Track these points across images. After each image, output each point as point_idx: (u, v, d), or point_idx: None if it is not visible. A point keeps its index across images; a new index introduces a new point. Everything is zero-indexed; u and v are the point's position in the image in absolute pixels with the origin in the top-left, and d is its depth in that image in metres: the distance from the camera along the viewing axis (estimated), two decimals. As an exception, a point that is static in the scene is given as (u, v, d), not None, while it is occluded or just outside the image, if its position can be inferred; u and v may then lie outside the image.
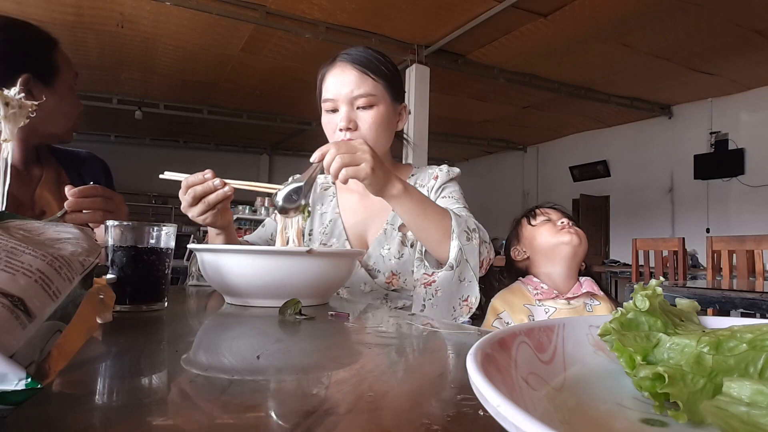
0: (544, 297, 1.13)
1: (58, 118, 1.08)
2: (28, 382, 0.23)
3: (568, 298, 1.13)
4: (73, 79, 1.12)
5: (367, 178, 0.83)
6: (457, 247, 0.91)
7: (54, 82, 1.06)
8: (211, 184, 0.86)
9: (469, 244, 0.92)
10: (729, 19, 4.76)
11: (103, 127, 9.13)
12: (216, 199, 0.86)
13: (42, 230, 0.33)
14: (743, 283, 2.25)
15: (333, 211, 1.19)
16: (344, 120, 1.04)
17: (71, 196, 0.90)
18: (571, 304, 1.12)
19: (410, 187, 0.91)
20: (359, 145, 0.84)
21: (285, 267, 0.74)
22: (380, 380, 0.39)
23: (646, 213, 7.89)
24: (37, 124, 0.85)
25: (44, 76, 1.04)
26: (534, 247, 1.21)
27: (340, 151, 0.82)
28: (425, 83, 5.61)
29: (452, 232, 0.91)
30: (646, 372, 0.28)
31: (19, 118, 0.58)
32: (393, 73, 1.10)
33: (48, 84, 1.05)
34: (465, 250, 0.91)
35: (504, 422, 0.19)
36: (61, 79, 1.08)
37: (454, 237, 0.91)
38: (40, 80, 1.03)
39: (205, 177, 0.86)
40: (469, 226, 0.95)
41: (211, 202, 0.86)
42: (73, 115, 1.13)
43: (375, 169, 0.83)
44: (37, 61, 1.04)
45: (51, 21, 4.87)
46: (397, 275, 1.08)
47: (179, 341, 0.52)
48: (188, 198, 0.86)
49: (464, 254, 0.91)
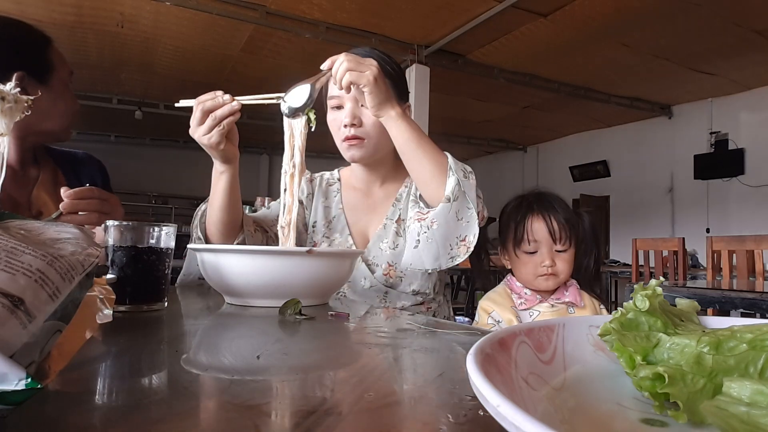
0: (528, 305, 1.12)
1: (53, 115, 1.08)
2: (28, 382, 0.23)
3: (550, 302, 1.13)
4: (69, 77, 1.12)
5: (368, 85, 0.86)
6: (454, 181, 0.89)
7: (49, 80, 1.06)
8: (220, 99, 0.89)
9: (466, 181, 0.91)
10: (729, 19, 4.76)
11: (103, 127, 9.13)
12: (223, 113, 0.89)
13: (42, 230, 0.33)
14: (743, 283, 2.25)
15: (337, 207, 1.20)
16: (349, 116, 1.05)
17: (67, 198, 0.90)
18: (555, 307, 1.11)
19: (408, 116, 0.94)
20: (367, 58, 0.88)
21: (285, 267, 0.74)
22: (380, 380, 0.39)
23: (646, 213, 7.89)
24: (32, 122, 0.85)
25: (39, 73, 1.05)
26: (516, 268, 1.17)
27: (347, 59, 0.85)
28: (425, 83, 5.61)
29: (449, 168, 0.91)
30: (646, 372, 0.28)
31: (15, 113, 0.58)
32: (397, 73, 1.11)
33: (43, 81, 1.05)
34: (463, 183, 0.90)
35: (504, 422, 0.19)
36: (56, 77, 1.08)
37: (451, 173, 0.90)
38: (35, 78, 1.03)
39: (215, 94, 0.90)
40: (465, 168, 0.94)
41: (219, 116, 0.89)
42: (69, 113, 1.13)
43: (377, 80, 0.87)
44: (31, 58, 1.04)
45: (51, 21, 4.87)
46: (393, 266, 1.09)
47: (179, 341, 0.52)
48: (197, 114, 0.89)
49: (462, 187, 0.89)
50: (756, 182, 6.62)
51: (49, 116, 1.07)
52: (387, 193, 1.19)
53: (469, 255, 0.96)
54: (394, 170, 1.20)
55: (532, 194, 1.18)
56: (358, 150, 1.08)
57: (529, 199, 1.16)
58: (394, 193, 1.18)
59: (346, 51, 1.10)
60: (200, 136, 0.90)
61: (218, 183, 0.98)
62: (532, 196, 1.17)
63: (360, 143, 1.07)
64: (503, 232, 1.19)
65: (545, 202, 1.14)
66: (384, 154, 1.13)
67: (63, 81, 1.10)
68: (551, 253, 1.11)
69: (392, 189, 1.19)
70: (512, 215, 1.16)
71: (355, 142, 1.07)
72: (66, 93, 1.11)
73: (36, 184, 1.13)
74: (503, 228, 1.19)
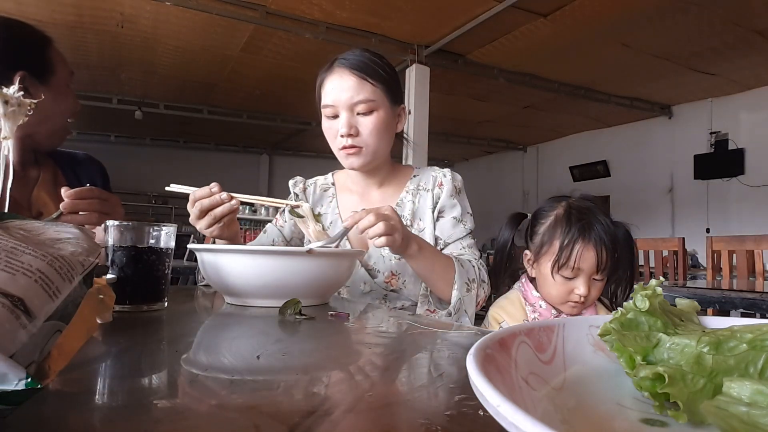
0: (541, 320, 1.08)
1: (54, 115, 1.08)
2: (28, 382, 0.23)
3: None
4: (69, 77, 1.12)
5: (396, 245, 0.89)
6: (456, 297, 0.99)
7: (49, 80, 1.06)
8: (218, 198, 0.88)
9: (468, 295, 1.00)
10: (729, 19, 4.76)
11: (103, 127, 9.13)
12: (222, 213, 0.89)
13: (42, 230, 0.33)
14: (743, 283, 2.25)
15: (333, 213, 1.20)
16: (345, 126, 1.05)
17: (67, 198, 0.90)
18: None
19: (424, 244, 0.98)
20: (392, 215, 0.90)
21: (285, 267, 0.74)
22: (380, 380, 0.39)
23: (646, 213, 7.89)
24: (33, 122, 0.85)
25: (39, 73, 1.05)
26: (541, 282, 1.08)
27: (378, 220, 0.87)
28: (425, 83, 5.61)
29: (454, 283, 1.00)
30: (646, 372, 0.28)
31: (18, 116, 0.58)
32: (391, 76, 1.10)
33: (43, 82, 1.05)
34: (464, 300, 1.00)
35: (504, 422, 0.19)
36: (56, 77, 1.08)
37: (455, 288, 1.00)
38: (36, 78, 1.03)
39: (212, 191, 0.89)
40: (469, 277, 1.02)
41: (218, 215, 0.89)
42: (69, 113, 1.13)
43: (404, 238, 0.91)
44: (31, 58, 1.04)
45: (51, 21, 4.87)
46: (397, 275, 1.08)
47: (179, 341, 0.52)
48: (195, 211, 0.89)
49: (463, 304, 1.00)
50: (756, 182, 6.62)
51: (50, 116, 1.07)
52: (385, 197, 1.18)
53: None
54: (391, 173, 1.19)
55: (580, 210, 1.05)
56: (356, 158, 1.08)
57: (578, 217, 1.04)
58: (394, 197, 1.17)
59: (346, 51, 1.10)
60: (201, 229, 0.91)
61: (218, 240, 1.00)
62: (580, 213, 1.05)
63: (358, 151, 1.07)
64: (538, 242, 1.08)
65: (594, 224, 1.03)
66: (382, 159, 1.13)
67: (63, 81, 1.10)
68: (589, 281, 1.03)
69: (390, 192, 1.18)
70: (556, 232, 1.05)
71: (353, 151, 1.07)
72: (66, 93, 1.11)
73: (36, 184, 1.13)
74: (539, 237, 1.08)
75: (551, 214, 1.08)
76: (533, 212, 1.14)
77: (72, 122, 1.15)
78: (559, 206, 1.09)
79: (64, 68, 1.11)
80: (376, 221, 0.86)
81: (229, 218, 0.91)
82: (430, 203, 1.14)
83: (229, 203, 0.88)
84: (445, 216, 1.13)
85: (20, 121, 0.57)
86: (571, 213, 1.06)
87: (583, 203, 1.08)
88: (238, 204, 0.90)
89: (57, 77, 1.09)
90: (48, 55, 1.08)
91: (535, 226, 1.11)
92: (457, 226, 1.12)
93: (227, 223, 0.92)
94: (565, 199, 1.11)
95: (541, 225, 1.09)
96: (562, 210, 1.08)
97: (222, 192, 0.88)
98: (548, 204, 1.11)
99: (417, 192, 1.16)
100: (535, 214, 1.13)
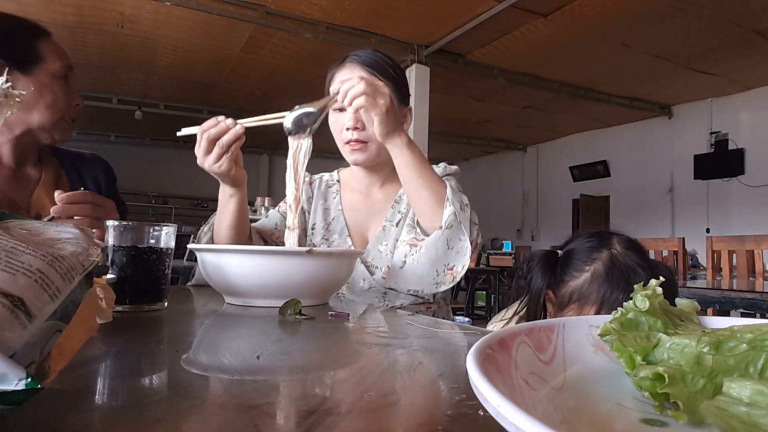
0: None
1: (39, 108, 1.05)
2: (28, 382, 0.23)
3: None
4: (62, 70, 1.08)
5: (380, 115, 0.88)
6: (450, 212, 0.92)
7: (32, 71, 1.03)
8: (223, 125, 0.89)
9: (462, 213, 0.93)
10: (729, 19, 4.76)
11: (103, 127, 9.13)
12: (229, 139, 0.89)
13: (42, 230, 0.33)
14: (743, 283, 2.25)
15: (336, 209, 1.20)
16: (352, 120, 1.06)
17: (59, 202, 0.89)
18: None
19: (414, 145, 0.94)
20: (382, 87, 0.89)
21: (285, 267, 0.74)
22: (380, 380, 0.39)
23: (646, 213, 7.89)
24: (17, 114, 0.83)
25: (20, 63, 1.02)
26: None
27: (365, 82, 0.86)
28: (425, 83, 5.61)
29: (447, 198, 0.93)
30: (646, 372, 0.27)
31: (5, 108, 0.57)
32: (400, 76, 1.11)
33: (26, 72, 1.02)
34: (459, 214, 0.92)
35: (504, 422, 0.19)
36: (43, 69, 1.05)
37: (448, 204, 0.93)
38: (17, 68, 1.01)
39: (218, 120, 0.90)
40: (462, 200, 0.96)
41: (225, 143, 0.89)
42: (67, 108, 1.09)
43: (389, 111, 0.88)
44: (13, 48, 1.02)
45: (51, 21, 4.87)
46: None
47: (179, 341, 0.52)
48: (204, 143, 0.90)
49: (458, 217, 0.92)
50: (756, 182, 6.62)
51: (35, 108, 1.03)
52: (387, 195, 1.19)
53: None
54: (393, 172, 1.19)
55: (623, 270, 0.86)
56: (361, 154, 1.08)
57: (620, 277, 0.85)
58: (394, 195, 1.18)
59: (346, 51, 1.11)
60: (210, 165, 0.91)
61: (228, 205, 0.99)
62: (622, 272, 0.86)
63: (363, 147, 1.08)
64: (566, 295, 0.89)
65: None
66: (386, 157, 1.13)
67: (52, 73, 1.06)
68: None
69: (392, 191, 1.19)
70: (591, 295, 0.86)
71: (357, 146, 1.07)
72: (55, 86, 1.07)
73: (37, 185, 1.11)
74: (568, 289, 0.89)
75: (587, 269, 0.89)
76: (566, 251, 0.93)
77: (75, 118, 1.12)
78: (599, 259, 0.89)
79: (56, 61, 1.07)
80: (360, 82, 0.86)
81: (236, 147, 0.92)
82: None
83: (235, 129, 0.89)
84: None
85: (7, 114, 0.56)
86: (612, 274, 0.86)
87: (627, 258, 0.88)
88: (243, 130, 0.90)
89: (44, 69, 1.05)
90: (36, 47, 1.05)
91: (566, 274, 0.91)
92: None
93: (235, 152, 0.92)
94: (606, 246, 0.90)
95: (573, 277, 0.90)
96: (602, 266, 0.88)
97: (228, 119, 0.90)
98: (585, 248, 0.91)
99: None
100: (567, 256, 0.92)
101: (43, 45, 1.06)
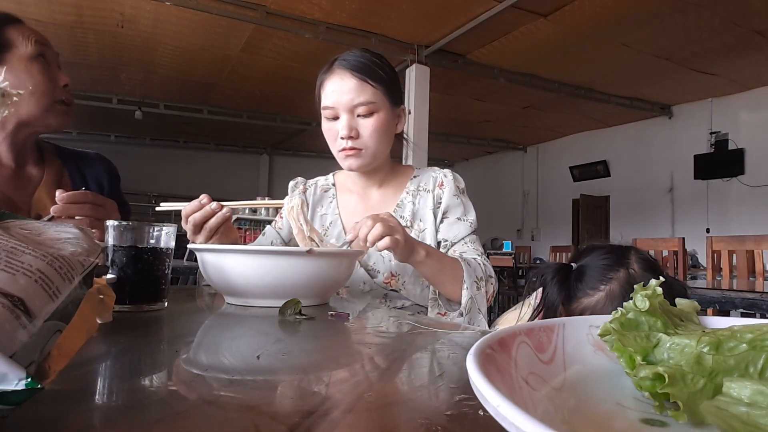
0: None
1: (23, 96, 0.99)
2: (28, 382, 0.23)
3: None
4: (36, 50, 1.03)
5: (400, 246, 0.88)
6: (467, 296, 0.98)
7: (5, 59, 1.00)
8: (209, 209, 0.89)
9: (479, 293, 0.99)
10: (729, 19, 4.76)
11: (103, 127, 9.14)
12: (216, 223, 0.89)
13: (42, 230, 0.33)
14: (743, 283, 2.25)
15: (333, 213, 1.19)
16: (345, 128, 1.04)
17: (60, 201, 0.89)
18: None
19: (430, 249, 0.96)
20: (390, 218, 0.90)
21: (285, 267, 0.74)
22: (380, 380, 0.39)
23: (646, 213, 7.89)
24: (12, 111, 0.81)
25: None
26: None
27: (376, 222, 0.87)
28: (425, 83, 5.61)
29: (463, 282, 0.98)
30: (646, 372, 0.27)
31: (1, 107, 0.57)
32: (391, 77, 1.09)
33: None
34: (476, 299, 0.98)
35: (504, 422, 0.19)
36: (14, 54, 1.01)
37: (465, 288, 0.98)
38: None
39: (201, 203, 0.89)
40: (477, 275, 1.01)
41: (212, 227, 0.89)
42: (47, 91, 1.04)
43: (407, 240, 0.90)
44: None
45: (51, 21, 4.87)
46: (396, 276, 1.08)
47: (179, 341, 0.52)
48: (190, 227, 0.90)
49: (475, 304, 0.98)
50: (756, 182, 6.62)
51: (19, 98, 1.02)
52: (385, 197, 1.18)
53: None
54: (391, 173, 1.19)
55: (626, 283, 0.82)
56: (355, 159, 1.07)
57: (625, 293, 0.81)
58: (394, 197, 1.17)
59: (345, 51, 1.10)
60: (201, 243, 0.91)
61: None
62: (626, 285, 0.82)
63: (357, 153, 1.07)
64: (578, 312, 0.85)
65: None
66: (382, 160, 1.13)
67: (27, 56, 1.02)
68: None
69: (390, 192, 1.18)
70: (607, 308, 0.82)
71: (352, 152, 1.06)
72: (33, 69, 1.03)
73: (38, 185, 1.10)
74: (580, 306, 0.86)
75: (602, 287, 0.84)
76: (581, 266, 0.89)
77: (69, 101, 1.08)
78: (615, 279, 0.84)
79: (28, 46, 1.03)
80: (374, 224, 0.86)
81: (225, 227, 0.92)
82: (431, 204, 1.14)
83: (221, 213, 0.89)
84: (450, 216, 1.13)
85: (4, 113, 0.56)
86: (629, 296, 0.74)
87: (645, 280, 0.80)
88: (230, 212, 0.90)
89: (16, 55, 1.01)
90: (4, 34, 1.01)
91: (579, 290, 0.87)
92: (462, 225, 1.12)
93: (224, 231, 0.93)
94: (623, 265, 0.85)
95: (586, 294, 0.85)
96: (618, 287, 0.84)
97: (212, 202, 0.89)
98: (601, 266, 0.87)
99: (417, 193, 1.16)
100: (581, 271, 0.88)
101: (10, 31, 1.02)
